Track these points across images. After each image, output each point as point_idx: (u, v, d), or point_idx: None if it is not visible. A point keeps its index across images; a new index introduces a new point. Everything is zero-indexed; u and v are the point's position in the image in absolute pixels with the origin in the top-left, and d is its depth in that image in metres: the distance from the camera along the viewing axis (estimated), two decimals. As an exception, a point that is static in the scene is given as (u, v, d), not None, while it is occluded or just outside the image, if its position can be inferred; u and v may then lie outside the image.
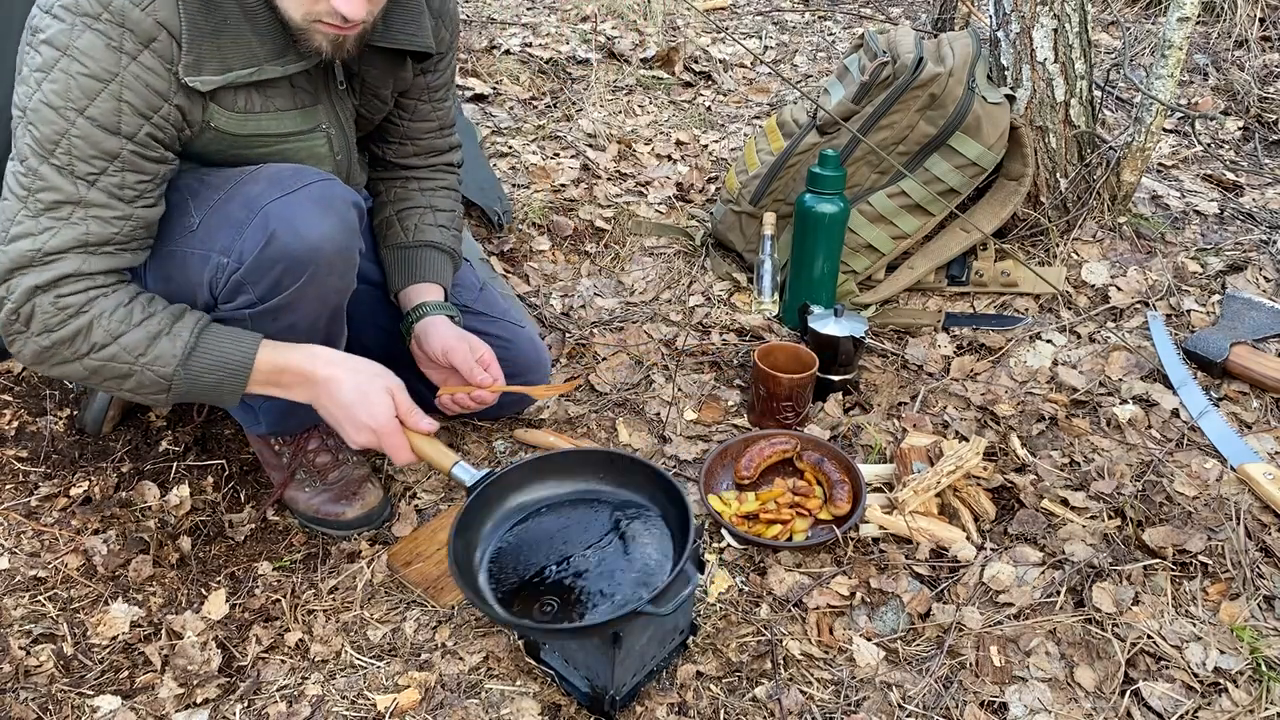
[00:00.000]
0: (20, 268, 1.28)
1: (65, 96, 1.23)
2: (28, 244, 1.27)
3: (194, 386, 1.37)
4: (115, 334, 1.32)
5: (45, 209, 1.27)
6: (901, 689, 1.43)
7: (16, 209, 1.27)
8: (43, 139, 1.24)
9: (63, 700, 1.43)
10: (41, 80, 1.23)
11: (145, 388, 1.35)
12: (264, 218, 1.34)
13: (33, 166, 1.26)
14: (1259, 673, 1.43)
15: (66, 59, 1.23)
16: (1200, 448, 1.88)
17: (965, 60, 2.22)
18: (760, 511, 1.70)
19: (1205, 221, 2.64)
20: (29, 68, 1.25)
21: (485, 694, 1.43)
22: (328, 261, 1.40)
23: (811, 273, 2.22)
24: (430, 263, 1.73)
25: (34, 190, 1.26)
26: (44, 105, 1.23)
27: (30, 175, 1.26)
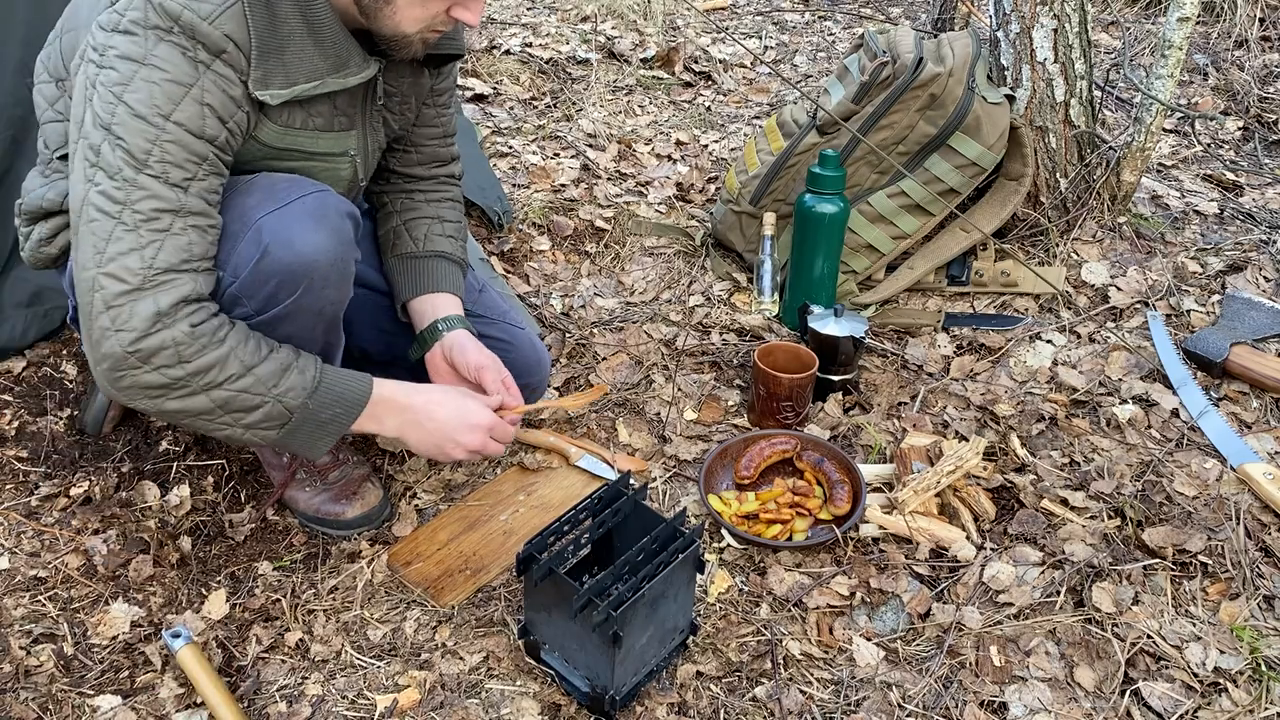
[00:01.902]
0: (131, 289, 1.24)
1: (151, 104, 1.23)
2: (134, 260, 1.24)
3: (310, 420, 1.38)
4: (249, 364, 1.31)
5: (145, 219, 1.24)
6: (901, 689, 1.44)
7: (111, 226, 1.24)
8: (135, 149, 1.23)
9: (63, 700, 1.43)
10: (122, 93, 1.22)
11: (268, 421, 1.35)
12: (257, 232, 1.33)
13: (129, 177, 1.23)
14: (1259, 673, 1.44)
15: (146, 68, 1.22)
16: (1200, 448, 1.88)
17: (965, 60, 2.22)
18: (760, 511, 1.70)
19: (1205, 221, 2.64)
20: (104, 85, 1.23)
21: (485, 694, 1.43)
22: (323, 274, 1.39)
23: (811, 273, 2.22)
24: (444, 273, 1.72)
25: (131, 202, 1.24)
26: (131, 116, 1.22)
27: (126, 186, 1.23)
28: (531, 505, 1.77)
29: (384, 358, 1.75)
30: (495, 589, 1.61)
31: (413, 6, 1.34)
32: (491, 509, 1.76)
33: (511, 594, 1.59)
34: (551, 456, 1.88)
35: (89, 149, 1.24)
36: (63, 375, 2.02)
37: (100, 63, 1.24)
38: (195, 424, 1.33)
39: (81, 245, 1.26)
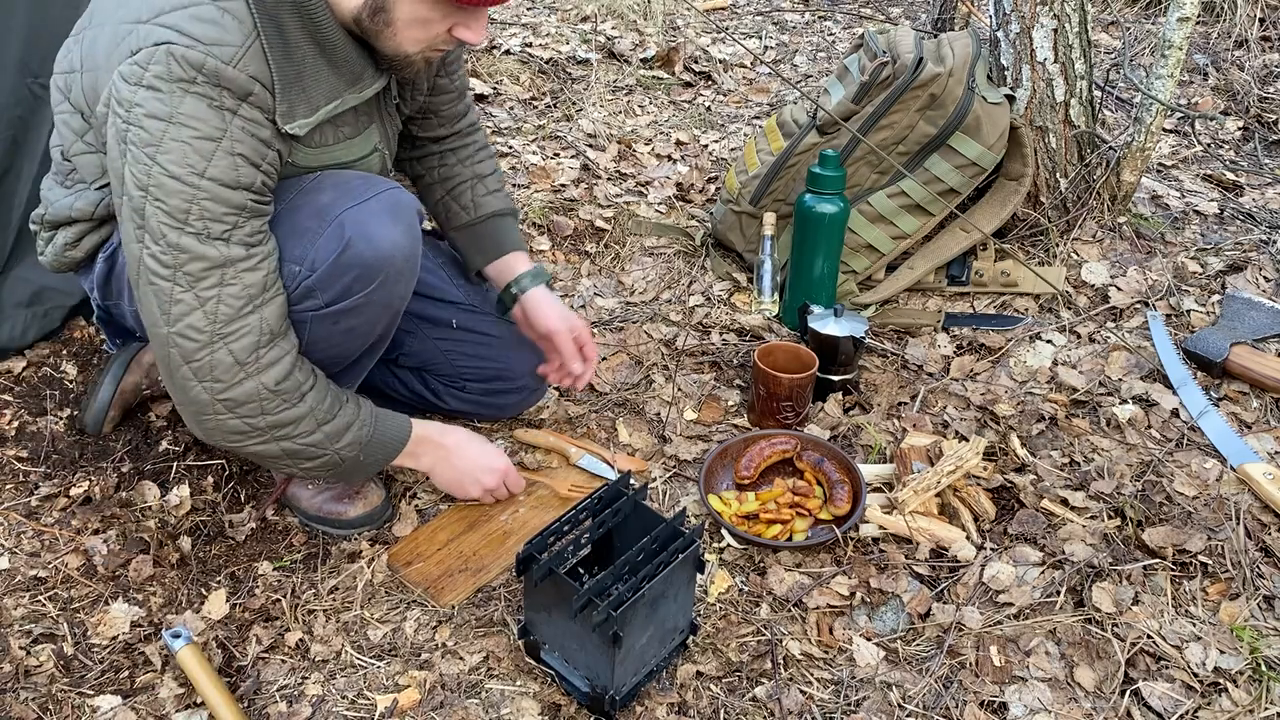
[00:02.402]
0: (203, 345, 1.31)
1: (184, 163, 1.25)
2: (198, 319, 1.30)
3: (356, 465, 1.51)
4: (321, 422, 1.43)
5: (195, 280, 1.29)
6: (901, 689, 1.44)
7: (169, 288, 1.29)
8: (174, 210, 1.26)
9: (63, 700, 1.43)
10: (155, 154, 1.24)
11: (323, 468, 1.48)
12: (339, 226, 1.37)
13: (173, 242, 1.27)
14: (1259, 673, 1.44)
15: (174, 127, 1.24)
16: (1200, 448, 1.88)
17: (965, 60, 2.22)
18: (760, 511, 1.70)
19: (1205, 221, 2.64)
20: (135, 144, 1.25)
21: (485, 694, 1.43)
22: (398, 269, 1.44)
23: (811, 273, 2.22)
24: (504, 232, 1.80)
25: (179, 265, 1.28)
26: (166, 177, 1.25)
27: (171, 251, 1.27)
28: (531, 505, 1.77)
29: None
30: (495, 589, 1.61)
31: (412, 28, 1.34)
32: (491, 509, 1.76)
33: (511, 594, 1.59)
34: (551, 456, 1.88)
35: (134, 211, 1.28)
36: (63, 375, 2.02)
37: (128, 119, 1.25)
38: (265, 463, 1.49)
39: (146, 303, 1.32)
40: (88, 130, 1.42)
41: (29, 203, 1.99)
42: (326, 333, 1.46)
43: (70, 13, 1.93)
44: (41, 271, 2.03)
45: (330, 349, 1.50)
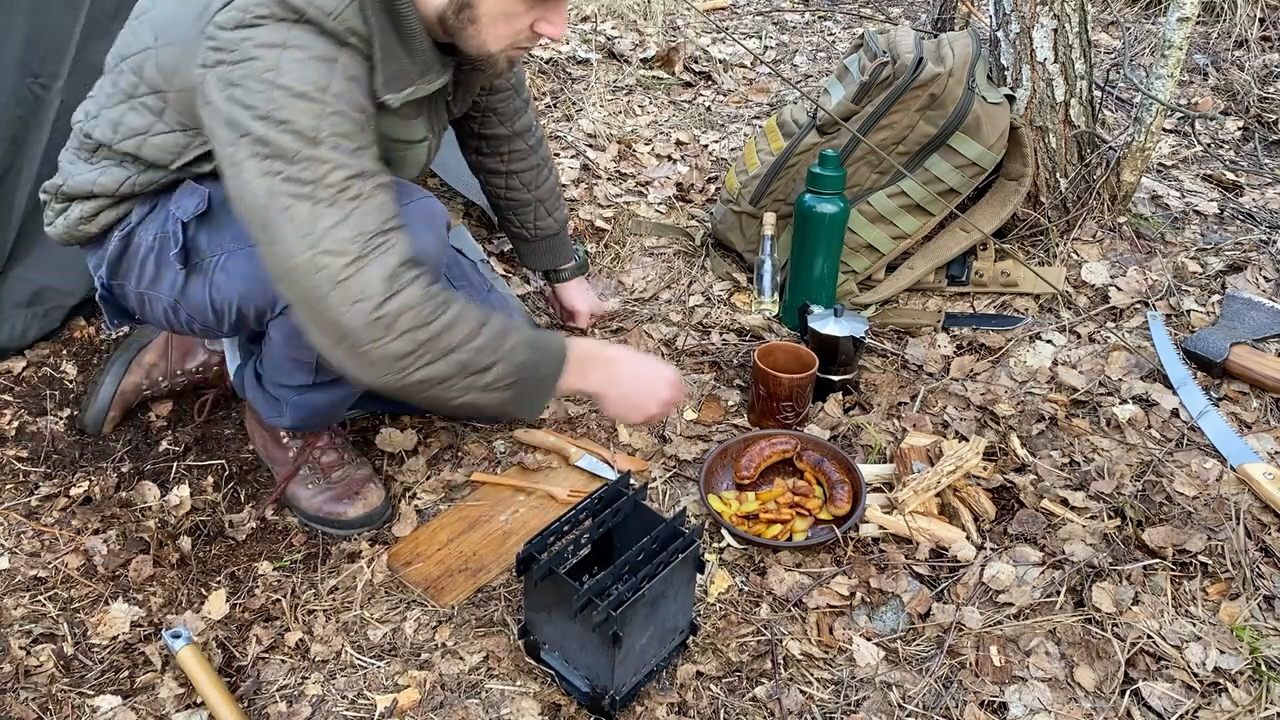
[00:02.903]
0: (354, 259, 1.22)
1: (307, 80, 1.22)
2: (346, 231, 1.23)
3: (532, 376, 1.39)
4: (479, 325, 1.32)
5: (339, 191, 1.23)
6: (901, 689, 1.44)
7: (308, 208, 1.22)
8: (304, 128, 1.22)
9: (63, 700, 1.43)
10: (275, 78, 1.21)
11: (501, 380, 1.35)
12: None
13: (309, 155, 1.22)
14: (1259, 673, 1.44)
15: (289, 50, 1.22)
16: (1200, 448, 1.88)
17: (965, 60, 2.22)
18: (760, 511, 1.70)
19: (1205, 221, 2.64)
20: (249, 77, 1.21)
21: (485, 694, 1.43)
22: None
23: (811, 273, 2.22)
24: (557, 248, 2.10)
25: (320, 178, 1.22)
26: (290, 97, 1.21)
27: (310, 164, 1.22)
28: (531, 505, 1.77)
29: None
30: (495, 589, 1.61)
31: (496, 25, 1.36)
32: (491, 509, 1.76)
33: (511, 594, 1.59)
34: (551, 456, 1.88)
35: (254, 143, 1.22)
36: (63, 375, 2.02)
37: (236, 59, 1.22)
38: (437, 394, 1.32)
39: (281, 238, 1.23)
40: (164, 109, 1.39)
41: (30, 203, 1.99)
42: None
43: (70, 13, 1.94)
44: (41, 271, 2.03)
45: None
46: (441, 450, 1.91)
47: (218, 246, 1.46)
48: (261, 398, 1.68)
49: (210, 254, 1.47)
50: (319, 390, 1.61)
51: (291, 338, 1.50)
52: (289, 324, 1.48)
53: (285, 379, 1.60)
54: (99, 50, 2.00)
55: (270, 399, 1.66)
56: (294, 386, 1.61)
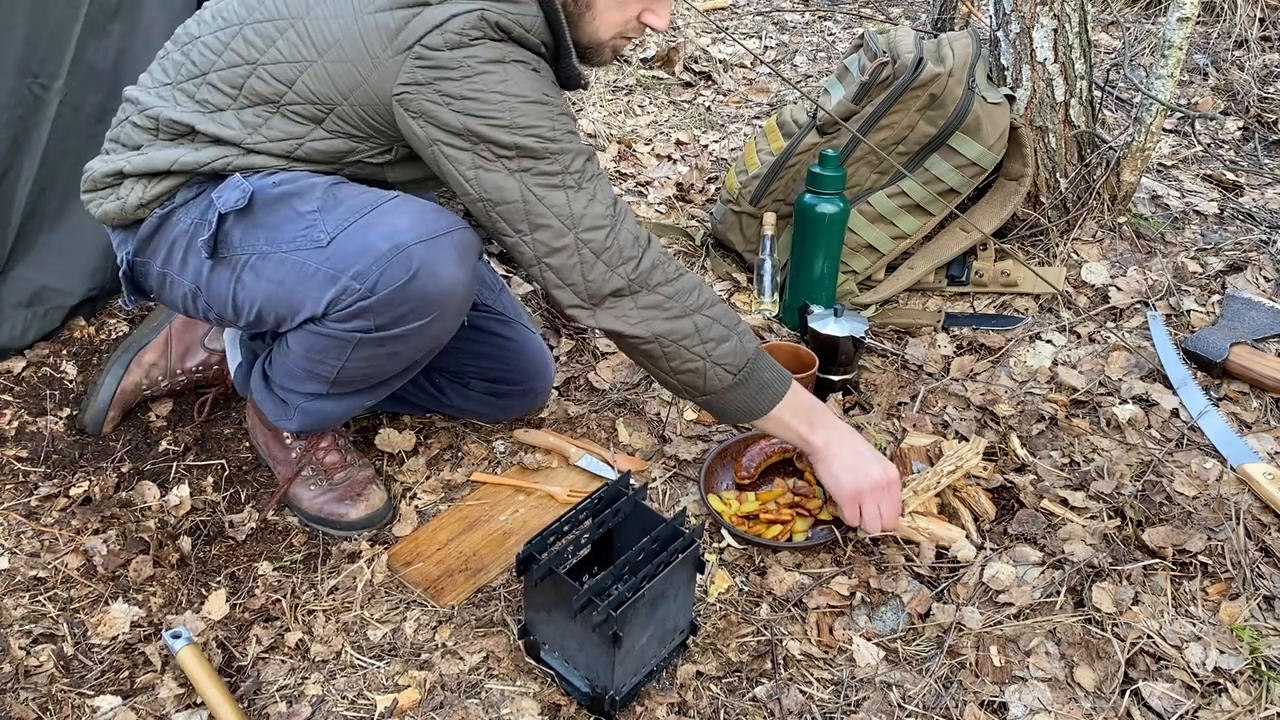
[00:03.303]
0: (609, 229, 1.40)
1: (533, 88, 1.37)
2: (598, 208, 1.41)
3: (757, 374, 1.50)
4: (714, 300, 1.49)
5: (581, 175, 1.40)
6: (901, 689, 1.44)
7: (563, 196, 1.39)
8: (544, 129, 1.37)
9: (63, 700, 1.43)
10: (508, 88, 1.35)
11: (731, 357, 1.47)
12: (408, 257, 1.39)
13: (554, 150, 1.37)
14: (1259, 673, 1.44)
15: (511, 65, 1.36)
16: (1200, 448, 1.88)
17: (965, 60, 2.22)
18: (760, 511, 1.70)
19: (1205, 221, 2.64)
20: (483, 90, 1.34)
21: (485, 694, 1.43)
22: (455, 307, 1.48)
23: (811, 273, 2.22)
24: None
25: (567, 168, 1.39)
26: (525, 104, 1.35)
27: (555, 157, 1.38)
28: (531, 505, 1.77)
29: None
30: (495, 589, 1.61)
31: (610, 11, 1.45)
32: (491, 509, 1.76)
33: (511, 594, 1.59)
34: (551, 456, 1.88)
35: (500, 148, 1.36)
36: (63, 375, 2.02)
37: (461, 75, 1.34)
38: (675, 352, 1.45)
39: (546, 224, 1.39)
40: (324, 118, 1.44)
41: (29, 203, 1.99)
42: (370, 354, 1.49)
43: (70, 13, 1.94)
44: (41, 271, 2.03)
45: (369, 368, 1.54)
46: (441, 450, 1.91)
47: (250, 245, 1.46)
48: (269, 399, 1.68)
49: (241, 251, 1.47)
50: (331, 399, 1.61)
51: (313, 351, 1.51)
52: (311, 338, 1.49)
53: (298, 386, 1.61)
54: (99, 50, 2.01)
55: (278, 401, 1.67)
56: (306, 393, 1.61)
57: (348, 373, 1.53)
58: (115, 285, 2.18)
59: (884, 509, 1.56)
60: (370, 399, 1.66)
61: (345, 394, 1.60)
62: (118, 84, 2.05)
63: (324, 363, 1.52)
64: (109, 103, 2.04)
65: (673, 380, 1.51)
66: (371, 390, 1.63)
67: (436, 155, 1.39)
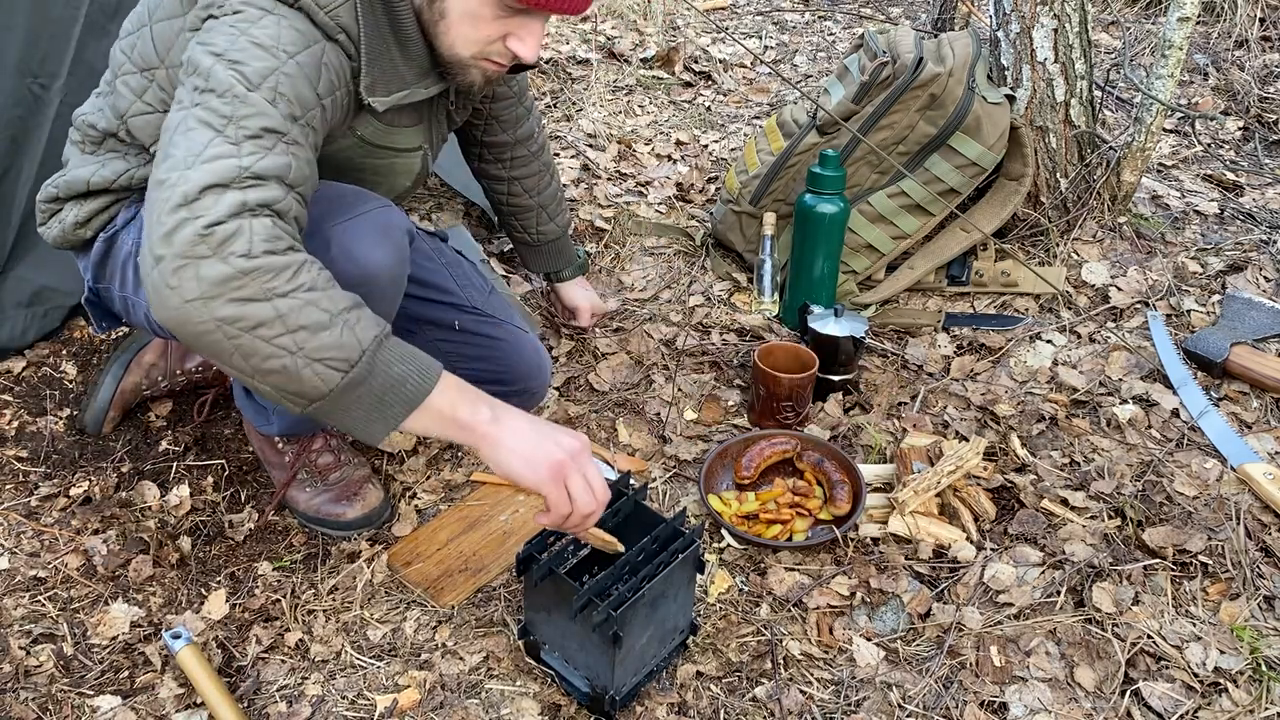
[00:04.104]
0: (218, 184, 1.11)
1: (277, 38, 1.21)
2: (229, 164, 1.12)
3: (380, 373, 1.16)
4: (322, 286, 1.15)
5: (249, 135, 1.15)
6: (901, 689, 1.44)
7: (209, 136, 1.14)
8: (252, 73, 1.18)
9: (63, 700, 1.43)
10: (247, 27, 1.20)
11: (336, 352, 1.13)
12: (323, 241, 1.33)
13: (239, 94, 1.16)
14: (1259, 673, 1.44)
15: (275, 16, 1.22)
16: (1200, 448, 1.88)
17: (965, 60, 2.22)
18: (760, 511, 1.70)
19: (1205, 221, 2.64)
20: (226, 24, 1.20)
21: (485, 694, 1.43)
22: (381, 289, 1.40)
23: (811, 273, 2.22)
24: (559, 252, 2.11)
25: (237, 117, 1.15)
26: (252, 44, 1.19)
27: (235, 102, 1.16)
28: (531, 505, 1.77)
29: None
30: (495, 589, 1.61)
31: (463, 25, 1.33)
32: (491, 509, 1.76)
33: (511, 594, 1.59)
34: (551, 456, 1.88)
35: (197, 76, 1.18)
36: (63, 375, 2.02)
37: (222, 11, 1.22)
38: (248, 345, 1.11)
39: (169, 155, 1.14)
40: (147, 88, 1.39)
41: (29, 202, 1.99)
42: None
43: (70, 13, 1.94)
44: (41, 271, 2.03)
45: None
46: (441, 450, 1.91)
47: None
48: (249, 405, 1.68)
49: None
50: None
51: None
52: None
53: None
54: (99, 50, 2.01)
55: (257, 407, 1.66)
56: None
57: None
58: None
59: (594, 483, 1.26)
60: None
61: None
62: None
63: None
64: (109, 103, 2.04)
65: (263, 386, 1.15)
66: None
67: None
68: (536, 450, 1.23)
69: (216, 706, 1.37)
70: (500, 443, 1.22)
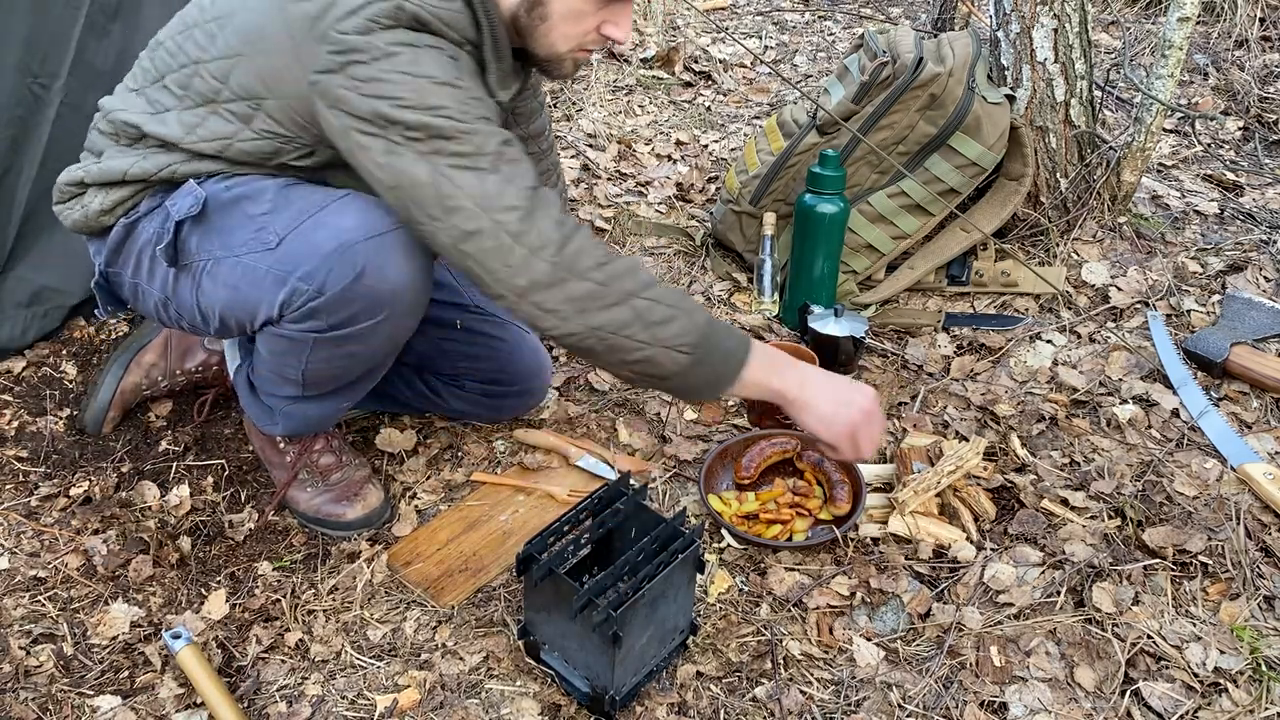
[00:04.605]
0: (526, 212, 1.29)
1: (445, 71, 1.29)
2: (513, 191, 1.29)
3: (716, 347, 1.39)
4: (654, 278, 1.37)
5: (496, 157, 1.30)
6: (901, 689, 1.44)
7: (475, 178, 1.28)
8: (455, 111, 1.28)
9: (63, 700, 1.43)
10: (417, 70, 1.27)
11: (683, 336, 1.34)
12: (353, 255, 1.36)
13: (465, 129, 1.28)
14: (1259, 673, 1.44)
15: (422, 49, 1.29)
16: (1200, 448, 1.88)
17: (965, 60, 2.22)
18: (760, 511, 1.70)
19: (1205, 221, 2.64)
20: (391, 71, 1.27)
21: (485, 694, 1.43)
22: (406, 305, 1.45)
23: (811, 273, 2.22)
24: None
25: (480, 149, 1.29)
26: (435, 85, 1.28)
27: (466, 137, 1.28)
28: (531, 505, 1.77)
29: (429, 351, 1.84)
30: (495, 589, 1.61)
31: (566, 23, 1.40)
32: (491, 509, 1.76)
33: (511, 594, 1.59)
34: (551, 456, 1.88)
35: (408, 129, 1.27)
36: (63, 375, 2.02)
37: (369, 59, 1.27)
38: (621, 344, 1.33)
39: (457, 207, 1.29)
40: (253, 116, 1.41)
41: (29, 203, 1.99)
42: (329, 354, 1.48)
43: (70, 13, 1.94)
44: (41, 271, 2.03)
45: (332, 369, 1.53)
46: (441, 450, 1.91)
47: (206, 251, 1.45)
48: (254, 404, 1.68)
49: (198, 257, 1.46)
50: (309, 402, 1.61)
51: (275, 354, 1.51)
52: (274, 339, 1.49)
53: (275, 390, 1.61)
54: (99, 50, 2.01)
55: (263, 407, 1.67)
56: (283, 397, 1.62)
57: (313, 374, 1.53)
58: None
59: (875, 433, 1.51)
60: (348, 400, 1.66)
61: (321, 396, 1.60)
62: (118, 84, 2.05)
63: (288, 365, 1.52)
64: (109, 103, 2.04)
65: (625, 372, 1.40)
66: (346, 391, 1.62)
67: (351, 146, 1.32)
68: (836, 414, 1.47)
69: (216, 706, 1.37)
70: (806, 406, 1.47)
